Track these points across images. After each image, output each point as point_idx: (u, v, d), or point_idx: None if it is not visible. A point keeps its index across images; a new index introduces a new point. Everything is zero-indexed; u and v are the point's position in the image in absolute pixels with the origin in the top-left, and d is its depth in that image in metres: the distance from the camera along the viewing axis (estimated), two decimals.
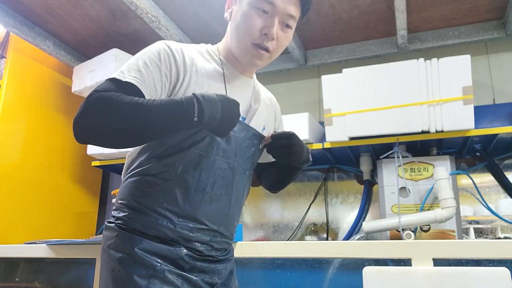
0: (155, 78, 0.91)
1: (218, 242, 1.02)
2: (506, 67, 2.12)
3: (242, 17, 0.98)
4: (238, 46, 1.01)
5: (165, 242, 0.93)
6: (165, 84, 0.93)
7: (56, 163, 2.44)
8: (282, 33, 1.00)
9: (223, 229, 1.02)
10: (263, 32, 0.97)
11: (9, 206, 2.14)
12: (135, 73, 0.90)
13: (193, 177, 0.95)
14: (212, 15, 2.09)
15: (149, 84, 0.90)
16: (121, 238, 0.93)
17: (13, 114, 2.23)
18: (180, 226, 0.94)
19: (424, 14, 2.07)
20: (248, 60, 1.02)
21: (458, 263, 1.31)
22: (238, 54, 1.03)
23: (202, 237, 0.98)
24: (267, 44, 0.98)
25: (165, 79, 0.93)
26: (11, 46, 2.27)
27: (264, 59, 1.02)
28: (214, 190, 0.98)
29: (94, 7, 2.03)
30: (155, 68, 0.92)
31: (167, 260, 0.92)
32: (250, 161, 1.09)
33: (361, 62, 2.30)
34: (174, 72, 0.95)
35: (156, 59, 0.93)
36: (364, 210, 2.14)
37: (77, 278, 1.83)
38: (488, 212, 1.83)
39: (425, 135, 1.79)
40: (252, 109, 1.09)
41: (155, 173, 0.95)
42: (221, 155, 0.98)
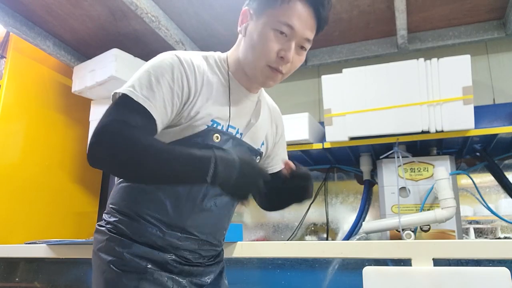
0: (166, 100, 0.90)
1: (205, 250, 1.04)
2: (506, 67, 2.12)
3: (259, 37, 0.95)
4: (251, 65, 0.99)
5: (154, 248, 0.95)
6: (176, 104, 0.92)
7: (56, 163, 2.44)
8: (297, 56, 0.99)
9: (211, 238, 1.04)
10: (279, 55, 0.95)
11: (9, 206, 2.13)
12: (147, 92, 0.88)
13: (184, 188, 0.97)
14: (213, 15, 2.09)
15: (160, 107, 0.89)
16: (111, 241, 0.95)
17: (13, 114, 2.23)
18: (168, 235, 0.96)
19: (424, 14, 2.07)
20: (261, 80, 1.00)
21: (458, 263, 1.31)
22: (250, 72, 1.01)
23: (190, 246, 0.99)
24: (281, 67, 0.97)
25: (176, 99, 0.92)
26: (11, 46, 2.26)
27: (277, 80, 1.00)
28: (205, 202, 0.99)
29: (94, 7, 2.03)
30: (167, 88, 0.90)
31: (156, 264, 0.94)
32: None
33: (361, 62, 2.30)
34: (185, 92, 0.93)
35: (169, 78, 0.91)
36: (364, 210, 2.15)
37: (77, 278, 1.83)
38: (488, 212, 1.84)
39: (425, 135, 1.79)
40: (250, 124, 1.08)
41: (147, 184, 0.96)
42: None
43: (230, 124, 1.01)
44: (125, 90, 0.88)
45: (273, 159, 1.21)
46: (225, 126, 1.00)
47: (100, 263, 0.94)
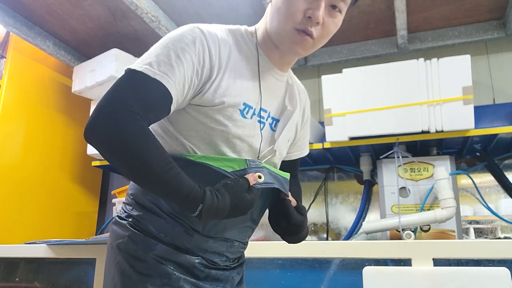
0: (186, 76, 0.81)
1: (233, 252, 0.97)
2: (506, 67, 2.12)
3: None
4: (278, 31, 0.88)
5: (180, 250, 0.87)
6: (194, 82, 0.83)
7: (56, 163, 2.44)
8: (329, 17, 0.86)
9: (240, 238, 0.97)
10: (307, 15, 0.83)
11: (9, 206, 2.14)
12: (165, 67, 0.79)
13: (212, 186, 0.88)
14: (213, 15, 2.09)
15: (178, 84, 0.80)
16: (133, 239, 0.86)
17: (13, 114, 2.23)
18: (197, 237, 0.87)
19: (424, 14, 2.07)
20: (289, 47, 0.88)
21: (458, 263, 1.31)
22: (277, 41, 0.90)
23: (218, 248, 0.92)
24: (311, 29, 0.84)
25: (195, 77, 0.83)
26: (11, 46, 2.26)
27: (307, 46, 0.87)
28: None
29: (94, 7, 2.03)
30: (189, 63, 0.81)
31: (182, 268, 0.86)
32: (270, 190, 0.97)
33: (361, 62, 2.30)
34: (207, 69, 0.84)
35: (191, 52, 0.82)
36: (364, 210, 2.15)
37: (77, 278, 1.83)
38: (488, 212, 1.84)
39: (425, 135, 1.79)
40: (288, 111, 0.98)
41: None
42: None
43: (262, 107, 0.92)
44: (142, 67, 0.79)
45: (295, 146, 1.11)
46: (257, 110, 0.90)
47: (120, 260, 0.86)
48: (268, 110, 0.94)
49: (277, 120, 0.97)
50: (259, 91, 0.91)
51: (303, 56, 0.96)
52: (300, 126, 1.09)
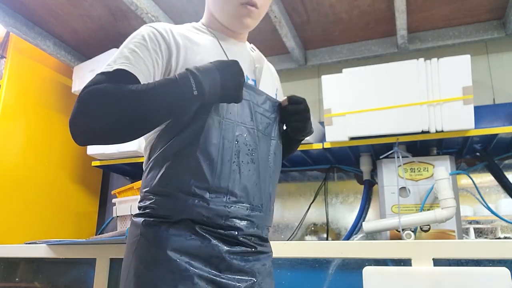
0: (144, 58, 0.86)
1: (257, 217, 0.93)
2: (506, 67, 2.12)
3: None
4: (224, 11, 0.98)
5: (197, 234, 0.84)
6: (157, 61, 0.88)
7: (56, 163, 2.44)
8: None
9: (258, 201, 0.93)
10: None
11: (9, 206, 2.14)
12: (121, 60, 0.85)
13: (216, 147, 0.87)
14: None
15: (139, 65, 0.85)
16: (146, 237, 0.85)
17: (13, 114, 2.23)
18: (213, 203, 0.85)
19: (424, 14, 2.07)
20: (238, 22, 0.98)
21: (458, 263, 1.31)
22: (225, 20, 0.99)
23: (239, 211, 0.89)
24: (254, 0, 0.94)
25: (155, 55, 0.87)
26: (11, 46, 2.27)
27: (254, 16, 0.97)
28: (240, 159, 0.90)
29: (94, 7, 2.03)
30: (142, 48, 0.87)
31: (199, 260, 0.83)
32: (273, 127, 1.01)
33: (361, 62, 2.30)
34: (164, 48, 0.89)
35: (141, 41, 0.88)
36: (364, 210, 2.14)
37: (77, 278, 1.83)
38: (488, 212, 1.84)
39: (425, 135, 1.79)
40: (258, 68, 1.03)
41: (177, 151, 0.88)
42: (238, 121, 0.91)
43: None
44: (101, 69, 0.86)
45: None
46: None
47: (134, 261, 0.85)
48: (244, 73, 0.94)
49: (254, 80, 1.02)
50: (226, 57, 0.96)
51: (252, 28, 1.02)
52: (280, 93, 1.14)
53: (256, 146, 0.94)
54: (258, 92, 0.98)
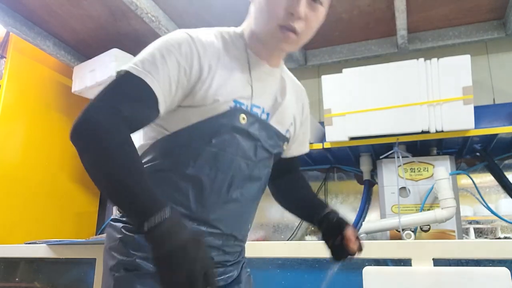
0: (171, 76, 0.81)
1: (230, 246, 0.95)
2: (506, 67, 2.12)
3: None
4: (263, 30, 0.90)
5: None
6: (183, 82, 0.83)
7: (56, 163, 2.44)
8: (311, 11, 0.88)
9: (237, 232, 0.95)
10: (289, 11, 0.85)
11: (9, 206, 2.13)
12: (149, 66, 0.80)
13: (208, 177, 0.86)
14: (213, 15, 2.09)
15: (163, 83, 0.80)
16: (124, 242, 0.86)
17: (13, 114, 2.23)
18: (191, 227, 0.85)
19: (424, 14, 2.07)
20: (275, 44, 0.91)
21: (458, 263, 1.31)
22: (263, 39, 0.92)
23: (213, 241, 0.90)
24: (294, 24, 0.86)
25: (183, 76, 0.83)
26: (11, 46, 2.26)
27: (292, 42, 0.89)
28: (230, 192, 0.90)
29: (94, 7, 2.03)
30: (173, 63, 0.82)
31: None
32: (270, 160, 1.01)
33: (361, 62, 2.30)
34: (195, 70, 0.84)
35: (176, 53, 0.83)
36: (364, 210, 2.14)
37: (77, 278, 1.84)
38: (488, 212, 1.83)
39: (425, 135, 1.79)
40: (277, 104, 0.99)
41: (167, 169, 0.86)
42: (240, 154, 0.90)
43: (253, 102, 0.92)
44: (127, 66, 0.81)
45: (296, 141, 1.12)
46: (249, 106, 0.91)
47: (111, 262, 0.86)
48: (261, 106, 0.95)
49: (268, 114, 0.98)
50: (250, 89, 0.92)
51: (291, 51, 0.98)
52: (300, 121, 1.11)
53: (249, 178, 0.93)
54: (268, 127, 0.96)
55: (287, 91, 1.03)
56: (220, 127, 0.87)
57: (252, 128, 0.91)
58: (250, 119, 0.91)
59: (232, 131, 0.88)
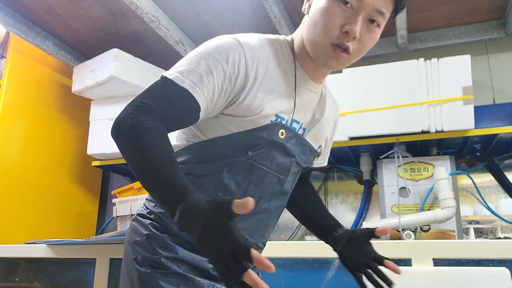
0: (216, 85, 0.80)
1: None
2: (506, 67, 2.12)
3: (321, 11, 0.83)
4: (314, 44, 0.86)
5: (198, 252, 0.86)
6: (227, 90, 0.81)
7: (56, 163, 2.44)
8: (367, 32, 0.84)
9: (259, 241, 0.95)
10: (344, 30, 0.81)
11: (9, 206, 2.14)
12: (194, 76, 0.78)
13: (240, 187, 0.86)
14: (213, 15, 2.09)
15: (207, 92, 0.79)
16: (151, 239, 0.85)
17: (13, 114, 2.23)
18: None
19: (424, 14, 2.07)
20: (323, 61, 0.87)
21: (458, 263, 1.31)
22: (313, 54, 0.88)
23: None
24: (348, 44, 0.83)
25: (228, 85, 0.81)
26: (11, 46, 2.26)
27: (342, 61, 0.86)
28: (259, 205, 0.89)
29: (94, 7, 2.03)
30: (219, 72, 0.80)
31: (198, 271, 0.86)
32: (298, 174, 1.01)
33: (361, 62, 2.28)
34: (241, 78, 0.82)
35: (223, 61, 0.81)
36: (364, 210, 2.14)
37: (77, 278, 1.84)
38: (488, 212, 1.83)
39: (425, 135, 1.79)
40: (315, 120, 0.98)
41: (200, 174, 0.86)
42: (274, 169, 0.89)
43: (293, 118, 0.90)
44: (172, 75, 0.79)
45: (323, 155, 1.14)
46: (289, 121, 0.89)
47: (137, 257, 0.85)
48: (300, 121, 0.93)
49: (305, 129, 0.97)
50: (293, 104, 0.90)
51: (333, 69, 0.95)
52: (330, 137, 1.12)
53: (278, 193, 0.93)
54: (304, 143, 0.96)
55: (326, 108, 1.01)
56: (258, 140, 0.85)
57: (290, 143, 0.90)
58: (289, 134, 0.89)
59: (270, 145, 0.86)
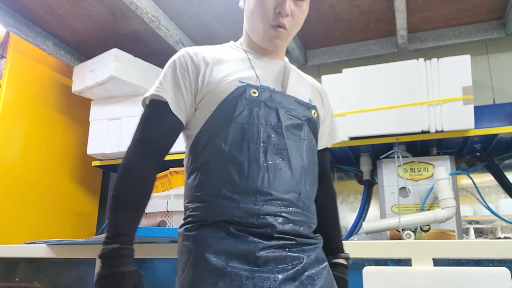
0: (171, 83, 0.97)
1: (292, 213, 0.92)
2: (506, 67, 2.12)
3: (254, 2, 1.00)
4: (256, 32, 1.02)
5: (231, 233, 0.88)
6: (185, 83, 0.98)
7: (56, 163, 2.44)
8: (296, 7, 1.00)
9: (293, 197, 0.93)
10: (276, 11, 0.97)
11: (9, 206, 2.14)
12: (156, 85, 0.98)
13: (241, 151, 0.92)
14: (213, 15, 2.09)
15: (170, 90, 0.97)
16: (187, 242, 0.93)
17: (13, 114, 2.23)
18: (243, 202, 0.89)
19: (424, 14, 2.07)
20: (269, 42, 1.02)
21: (458, 263, 1.31)
22: (258, 40, 1.03)
23: (271, 208, 0.90)
24: (283, 21, 0.98)
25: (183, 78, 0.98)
26: (11, 46, 2.26)
27: (283, 37, 1.01)
28: (268, 158, 0.92)
29: (94, 7, 2.03)
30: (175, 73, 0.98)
31: (236, 257, 0.86)
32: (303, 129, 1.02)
33: (361, 62, 2.30)
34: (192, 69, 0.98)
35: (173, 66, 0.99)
36: (364, 210, 2.14)
37: (77, 278, 1.84)
38: (488, 212, 1.83)
39: (425, 135, 1.79)
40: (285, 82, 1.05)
41: (207, 160, 0.95)
42: (264, 123, 0.95)
43: (261, 83, 0.99)
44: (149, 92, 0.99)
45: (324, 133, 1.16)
46: (257, 84, 0.98)
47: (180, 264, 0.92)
48: (271, 86, 1.01)
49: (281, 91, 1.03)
50: (254, 73, 1.00)
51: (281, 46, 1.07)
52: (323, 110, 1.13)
53: (285, 145, 0.96)
54: (285, 96, 1.01)
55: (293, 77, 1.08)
56: (235, 104, 0.94)
57: (267, 98, 0.97)
58: (261, 91, 0.97)
59: (248, 105, 0.95)
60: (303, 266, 0.90)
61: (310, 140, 1.04)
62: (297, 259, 0.90)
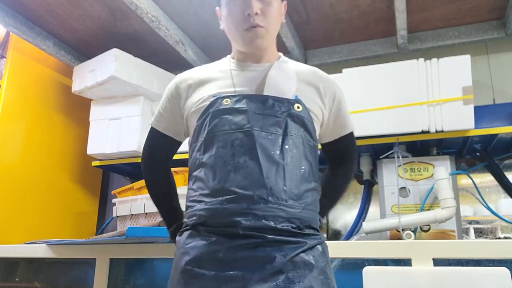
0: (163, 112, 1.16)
1: (262, 209, 0.92)
2: (506, 67, 2.12)
3: (227, 15, 1.06)
4: (236, 40, 1.08)
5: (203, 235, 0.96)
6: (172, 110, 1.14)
7: (56, 163, 2.44)
8: (264, 5, 1.03)
9: (263, 193, 0.93)
10: (246, 14, 1.02)
11: (9, 206, 2.14)
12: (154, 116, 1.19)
13: (214, 157, 0.99)
14: (212, 15, 2.07)
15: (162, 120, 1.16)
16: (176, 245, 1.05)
17: (13, 114, 2.23)
18: (212, 203, 0.96)
19: (424, 14, 2.07)
20: (249, 45, 1.06)
21: (458, 263, 1.31)
22: (241, 47, 1.08)
23: (238, 207, 0.92)
24: (255, 21, 1.02)
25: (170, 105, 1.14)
26: (11, 46, 2.26)
27: (262, 35, 1.04)
28: (236, 159, 0.96)
29: (94, 7, 2.03)
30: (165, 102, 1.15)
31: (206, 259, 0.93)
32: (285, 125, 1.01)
33: (361, 62, 2.30)
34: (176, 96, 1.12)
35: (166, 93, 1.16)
36: (364, 210, 2.14)
37: (77, 278, 1.84)
38: (488, 212, 1.83)
39: (425, 135, 1.79)
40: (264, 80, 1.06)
41: (191, 172, 1.07)
42: (234, 128, 0.99)
43: (236, 89, 1.05)
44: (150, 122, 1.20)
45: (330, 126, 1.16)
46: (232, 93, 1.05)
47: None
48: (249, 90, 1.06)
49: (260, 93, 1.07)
50: (231, 83, 1.06)
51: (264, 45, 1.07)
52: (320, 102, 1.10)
53: (254, 144, 0.97)
54: (260, 97, 1.04)
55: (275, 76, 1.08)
56: (207, 116, 1.02)
57: (239, 104, 1.02)
58: (235, 99, 1.02)
59: (219, 114, 1.01)
60: (273, 266, 0.88)
61: (298, 135, 1.02)
62: (267, 258, 0.89)
